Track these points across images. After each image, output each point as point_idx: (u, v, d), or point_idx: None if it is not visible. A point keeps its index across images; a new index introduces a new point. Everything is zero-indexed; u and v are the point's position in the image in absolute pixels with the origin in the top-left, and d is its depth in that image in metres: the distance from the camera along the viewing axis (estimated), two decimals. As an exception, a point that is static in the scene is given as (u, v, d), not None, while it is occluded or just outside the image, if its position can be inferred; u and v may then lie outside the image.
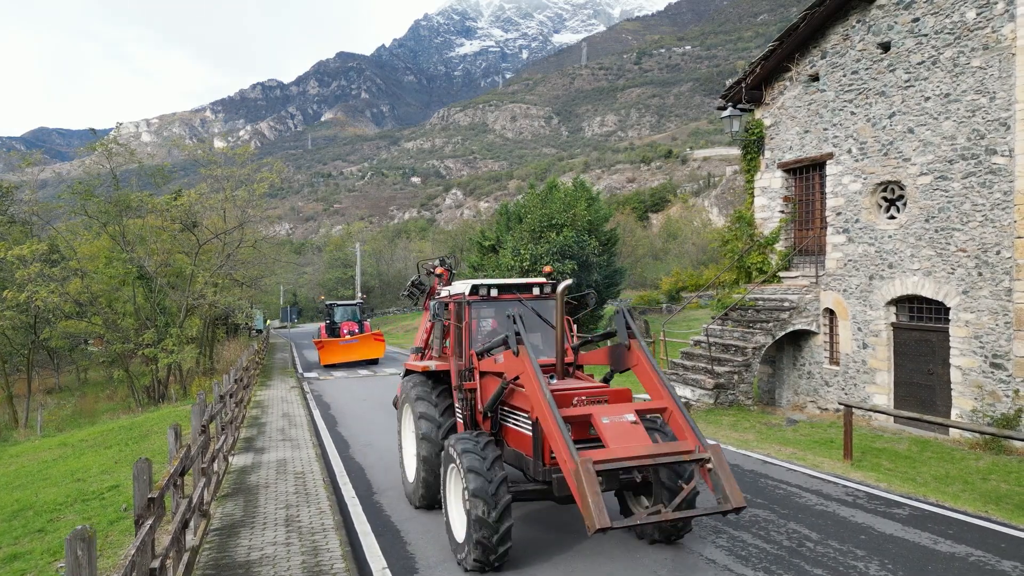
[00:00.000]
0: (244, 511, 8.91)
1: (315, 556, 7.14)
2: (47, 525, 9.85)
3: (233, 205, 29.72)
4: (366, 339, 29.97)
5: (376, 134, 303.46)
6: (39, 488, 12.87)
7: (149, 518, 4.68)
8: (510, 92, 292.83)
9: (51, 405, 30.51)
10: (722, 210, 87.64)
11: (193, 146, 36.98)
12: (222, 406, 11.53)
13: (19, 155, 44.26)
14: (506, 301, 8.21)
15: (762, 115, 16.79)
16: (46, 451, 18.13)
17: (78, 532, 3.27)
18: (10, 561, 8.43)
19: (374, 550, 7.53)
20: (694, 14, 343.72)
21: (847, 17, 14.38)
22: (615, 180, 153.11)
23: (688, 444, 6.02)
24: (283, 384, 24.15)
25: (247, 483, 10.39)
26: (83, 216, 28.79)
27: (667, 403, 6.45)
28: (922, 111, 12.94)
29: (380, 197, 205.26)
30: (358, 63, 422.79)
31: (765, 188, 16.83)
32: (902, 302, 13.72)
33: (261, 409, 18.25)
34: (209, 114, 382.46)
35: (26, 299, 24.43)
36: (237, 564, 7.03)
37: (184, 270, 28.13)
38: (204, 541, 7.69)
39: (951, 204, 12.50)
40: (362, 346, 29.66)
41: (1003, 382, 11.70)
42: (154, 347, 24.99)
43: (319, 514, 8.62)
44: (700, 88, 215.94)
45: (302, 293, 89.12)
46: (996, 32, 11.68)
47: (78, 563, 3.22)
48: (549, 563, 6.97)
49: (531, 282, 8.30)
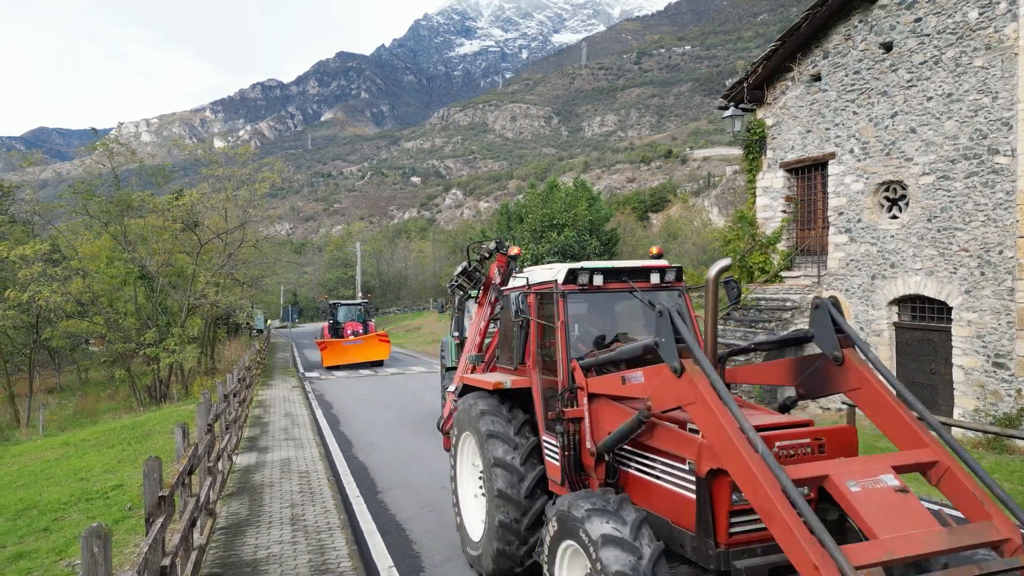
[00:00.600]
0: (250, 510, 8.94)
1: (322, 555, 7.17)
2: (52, 524, 9.87)
3: (234, 205, 29.73)
4: (371, 340, 29.41)
5: (376, 134, 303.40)
6: (43, 487, 12.88)
7: (160, 516, 4.70)
8: (510, 92, 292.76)
9: (52, 405, 30.50)
10: (722, 210, 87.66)
11: (193, 146, 37.07)
12: (226, 405, 11.56)
13: (20, 155, 44.28)
14: (612, 292, 6.14)
15: (764, 115, 16.81)
16: (48, 450, 18.13)
17: (94, 529, 3.29)
18: (16, 560, 8.45)
19: (380, 548, 7.57)
20: (694, 14, 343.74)
21: (849, 17, 14.41)
22: (615, 180, 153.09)
23: (999, 526, 3.64)
24: (285, 384, 24.18)
25: (251, 482, 10.42)
26: (84, 216, 28.80)
27: (938, 454, 4.03)
28: (924, 111, 12.96)
29: (380, 197, 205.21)
30: (358, 63, 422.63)
31: (767, 188, 16.86)
32: (904, 302, 13.74)
33: (263, 408, 18.27)
34: (209, 114, 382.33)
35: (28, 299, 24.43)
36: (244, 562, 7.05)
37: (185, 270, 28.13)
38: (211, 540, 7.71)
39: (953, 204, 12.53)
40: (366, 347, 29.09)
41: (1005, 381, 11.72)
42: (156, 347, 24.99)
43: (324, 513, 8.65)
44: (700, 88, 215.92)
45: (302, 293, 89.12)
46: (998, 32, 11.71)
47: (94, 560, 3.24)
48: None
49: (648, 265, 6.23)
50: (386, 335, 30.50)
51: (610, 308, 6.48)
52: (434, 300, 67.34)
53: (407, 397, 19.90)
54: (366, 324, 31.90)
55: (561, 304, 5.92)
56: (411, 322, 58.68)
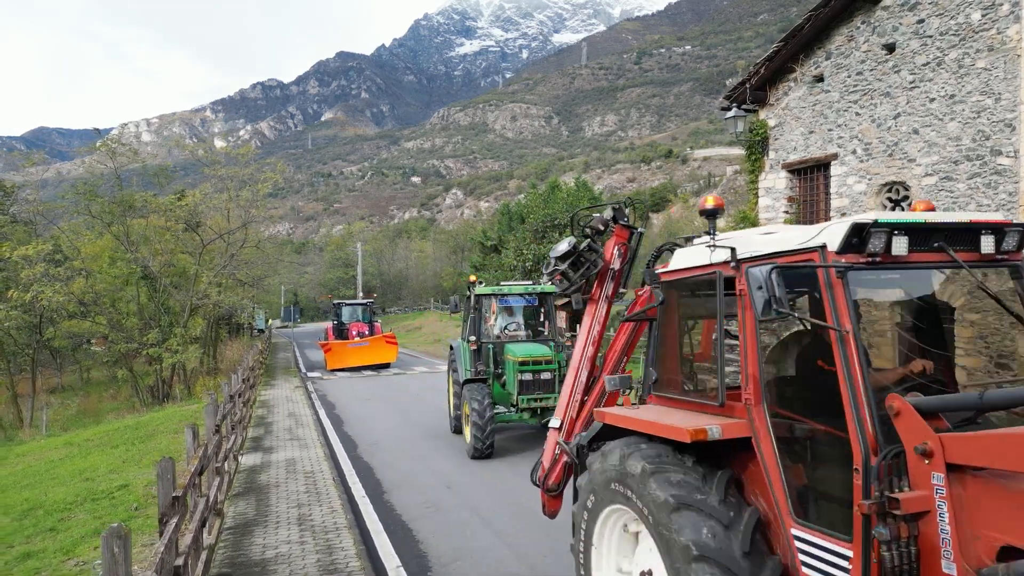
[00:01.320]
0: (256, 510, 8.98)
1: (330, 555, 7.21)
2: (58, 524, 9.91)
3: (236, 205, 29.79)
4: (377, 342, 28.14)
5: (376, 134, 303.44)
6: (47, 487, 12.92)
7: (174, 516, 4.75)
8: (510, 92, 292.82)
9: (55, 405, 30.54)
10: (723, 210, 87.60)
11: (193, 146, 37.10)
12: (232, 405, 11.61)
13: (21, 155, 44.33)
14: (916, 267, 3.68)
15: (766, 116, 16.85)
16: (52, 450, 18.18)
17: (114, 529, 3.33)
18: (24, 559, 8.49)
19: (387, 548, 7.60)
20: (694, 14, 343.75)
21: (852, 18, 14.45)
22: (615, 180, 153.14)
23: None
24: (287, 384, 24.23)
25: (257, 482, 10.46)
26: (86, 216, 28.85)
27: None
28: (927, 112, 13.01)
29: (380, 197, 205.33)
30: (358, 63, 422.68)
31: (769, 189, 16.90)
32: (907, 302, 13.78)
33: (267, 409, 18.32)
34: (209, 114, 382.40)
35: (31, 299, 24.49)
36: (253, 562, 7.09)
37: (188, 270, 28.19)
38: (219, 540, 7.75)
39: (956, 205, 12.57)
40: (372, 349, 27.90)
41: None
42: (158, 347, 25.05)
43: (331, 513, 8.69)
44: (700, 88, 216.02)
45: (303, 293, 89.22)
46: (1001, 34, 11.76)
47: (114, 560, 3.29)
48: None
49: (980, 221, 3.77)
50: (393, 336, 29.27)
51: (917, 294, 3.95)
52: (435, 299, 67.38)
53: (409, 397, 19.96)
54: (372, 325, 30.80)
55: (841, 292, 3.35)
56: (412, 322, 58.74)
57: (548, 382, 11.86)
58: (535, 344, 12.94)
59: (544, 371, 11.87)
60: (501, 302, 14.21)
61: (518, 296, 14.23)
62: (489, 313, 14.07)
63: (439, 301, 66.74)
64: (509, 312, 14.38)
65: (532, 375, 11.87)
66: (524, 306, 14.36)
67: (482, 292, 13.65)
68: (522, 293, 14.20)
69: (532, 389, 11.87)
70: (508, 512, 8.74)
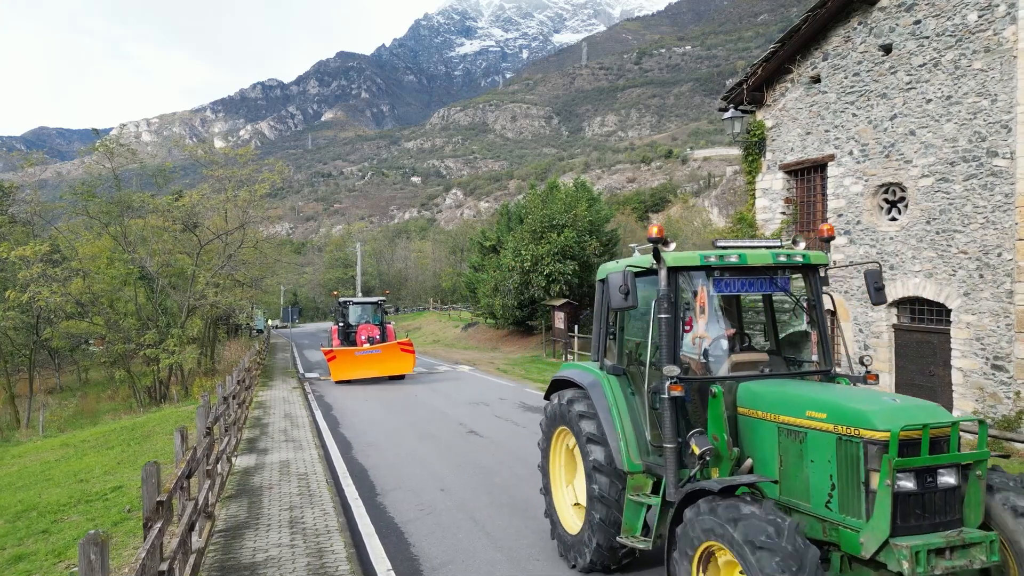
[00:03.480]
0: (248, 513, 8.94)
1: (320, 558, 7.17)
2: (51, 526, 9.88)
3: (234, 206, 29.75)
4: (390, 349, 23.25)
5: (376, 134, 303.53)
6: (42, 489, 12.89)
7: (158, 521, 4.72)
8: (510, 92, 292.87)
9: (52, 405, 30.54)
10: (722, 210, 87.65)
11: (193, 146, 37.09)
12: (225, 407, 11.57)
13: (20, 155, 44.32)
14: None
15: (763, 117, 16.81)
16: (48, 451, 18.16)
17: (91, 536, 3.30)
18: (15, 562, 8.46)
19: (379, 552, 7.57)
20: (694, 14, 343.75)
21: (849, 19, 14.41)
22: (615, 180, 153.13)
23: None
24: (285, 385, 24.18)
25: (251, 484, 10.43)
26: (84, 216, 28.85)
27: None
28: (923, 113, 12.97)
29: (380, 197, 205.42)
30: (358, 63, 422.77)
31: (766, 189, 16.86)
32: (903, 303, 13.75)
33: (263, 410, 18.29)
34: (209, 114, 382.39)
35: (28, 299, 24.47)
36: (243, 566, 7.06)
37: (186, 270, 28.17)
38: (209, 543, 7.72)
39: (952, 206, 12.54)
40: (385, 359, 22.94)
41: (1004, 384, 11.73)
42: (156, 347, 25.02)
43: (323, 515, 8.65)
44: (700, 88, 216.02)
45: (302, 293, 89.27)
46: (997, 35, 11.72)
47: (91, 567, 3.26)
48: None
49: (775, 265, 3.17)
50: (410, 343, 23.76)
51: None
52: (433, 299, 67.24)
53: (409, 399, 19.91)
54: (384, 327, 25.87)
55: None
56: (411, 322, 58.73)
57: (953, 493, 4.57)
58: (903, 398, 5.07)
59: (946, 466, 4.54)
60: (720, 286, 6.09)
61: (761, 271, 6.19)
62: (695, 309, 6.12)
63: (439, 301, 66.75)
64: (729, 305, 7.14)
65: (922, 479, 4.52)
66: (765, 294, 7.01)
67: (681, 262, 5.84)
68: (770, 265, 6.08)
69: (924, 516, 4.52)
70: (502, 515, 8.71)
